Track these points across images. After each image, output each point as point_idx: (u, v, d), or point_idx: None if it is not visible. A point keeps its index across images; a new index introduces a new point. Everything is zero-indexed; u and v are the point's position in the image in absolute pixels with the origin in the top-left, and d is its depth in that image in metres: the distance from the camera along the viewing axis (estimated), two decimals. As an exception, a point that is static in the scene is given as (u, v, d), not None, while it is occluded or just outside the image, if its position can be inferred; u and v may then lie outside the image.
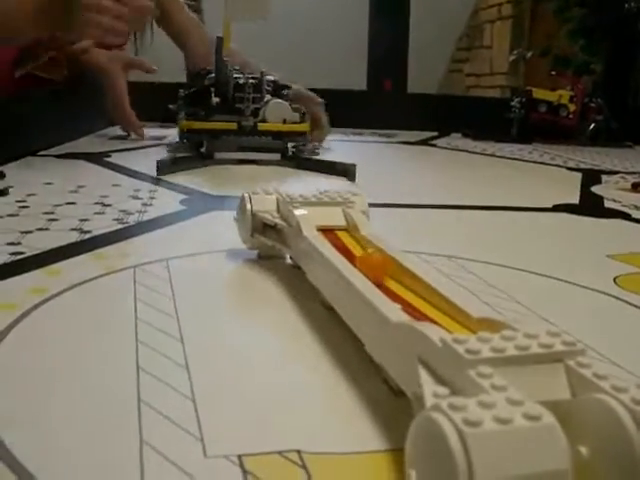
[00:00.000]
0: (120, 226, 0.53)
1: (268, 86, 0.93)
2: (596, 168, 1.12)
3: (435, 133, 1.59)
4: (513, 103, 1.56)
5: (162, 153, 0.95)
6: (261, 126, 0.90)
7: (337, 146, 1.19)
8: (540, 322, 0.37)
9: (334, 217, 0.42)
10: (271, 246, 0.43)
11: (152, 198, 0.65)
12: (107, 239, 0.49)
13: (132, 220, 0.55)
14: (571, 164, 1.16)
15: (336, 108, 1.60)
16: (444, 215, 0.67)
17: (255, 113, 0.91)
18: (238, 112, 0.90)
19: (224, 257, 0.46)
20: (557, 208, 0.73)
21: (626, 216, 0.71)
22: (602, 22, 1.84)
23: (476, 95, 1.64)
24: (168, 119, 1.07)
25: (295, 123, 0.92)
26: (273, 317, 0.37)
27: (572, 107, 1.54)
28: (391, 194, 0.74)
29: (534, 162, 1.15)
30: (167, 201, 0.63)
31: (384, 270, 0.34)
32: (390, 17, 1.67)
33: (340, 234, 0.41)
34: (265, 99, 0.91)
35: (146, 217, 0.57)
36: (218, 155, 0.89)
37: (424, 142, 1.41)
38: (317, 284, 0.37)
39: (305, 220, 0.41)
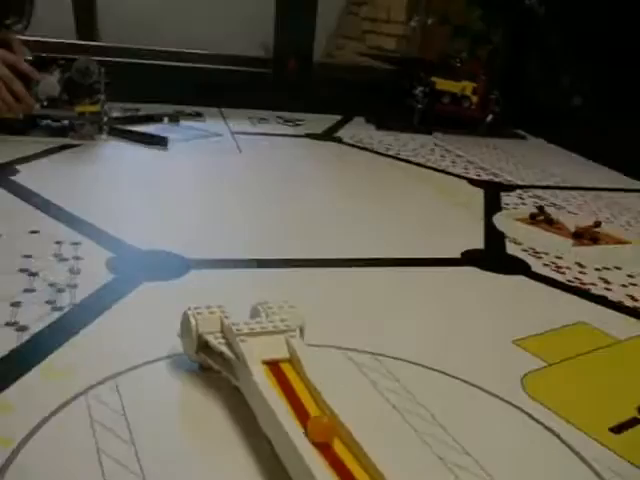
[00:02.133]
0: (56, 314, 0.54)
1: None
2: (496, 180, 1.18)
3: (339, 117, 1.62)
4: (416, 92, 1.60)
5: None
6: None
7: (248, 150, 1.20)
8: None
9: (278, 348, 0.45)
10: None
11: (77, 258, 0.65)
12: (49, 341, 0.50)
13: (65, 302, 0.56)
14: (472, 171, 1.22)
15: (242, 90, 1.61)
16: (345, 276, 0.71)
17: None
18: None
19: (169, 372, 0.48)
20: (465, 256, 0.79)
21: (526, 268, 0.78)
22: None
23: (378, 80, 1.67)
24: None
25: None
26: (230, 459, 0.40)
27: (475, 98, 1.60)
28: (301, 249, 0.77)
29: (438, 170, 1.20)
30: (94, 265, 0.64)
31: (332, 435, 0.38)
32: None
33: (286, 370, 0.44)
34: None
35: (78, 295, 0.57)
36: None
37: (330, 134, 1.43)
38: (267, 432, 0.40)
39: (250, 355, 0.44)
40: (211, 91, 1.56)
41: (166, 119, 1.36)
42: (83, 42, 2.01)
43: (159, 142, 1.16)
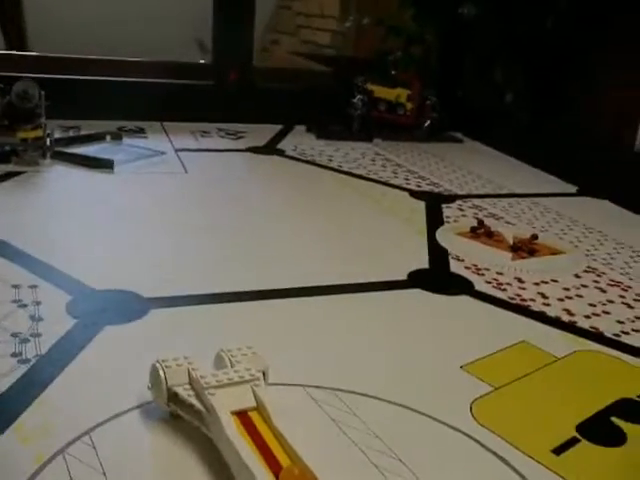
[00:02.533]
0: (23, 368, 0.56)
1: None
2: (436, 191, 1.23)
3: (281, 127, 1.64)
4: (354, 101, 1.64)
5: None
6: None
7: (193, 169, 1.21)
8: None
9: (245, 398, 0.48)
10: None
11: (37, 303, 0.67)
12: (18, 401, 0.51)
13: (31, 354, 0.58)
14: (413, 182, 1.27)
15: (183, 102, 1.62)
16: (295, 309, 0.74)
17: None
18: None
19: (141, 422, 0.50)
20: (411, 277, 0.83)
21: (469, 286, 0.82)
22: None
23: (317, 88, 1.70)
24: None
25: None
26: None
27: (409, 105, 1.64)
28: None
29: (381, 183, 1.24)
30: (54, 311, 0.65)
31: (303, 485, 0.41)
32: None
33: (254, 419, 0.47)
34: None
35: (43, 345, 0.59)
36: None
37: (272, 147, 1.45)
38: (240, 483, 0.43)
39: (220, 408, 0.46)
40: (152, 105, 1.56)
41: (108, 137, 1.36)
42: (14, 52, 1.99)
43: (105, 165, 1.16)
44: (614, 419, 0.58)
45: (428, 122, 1.63)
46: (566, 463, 0.51)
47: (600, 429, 0.56)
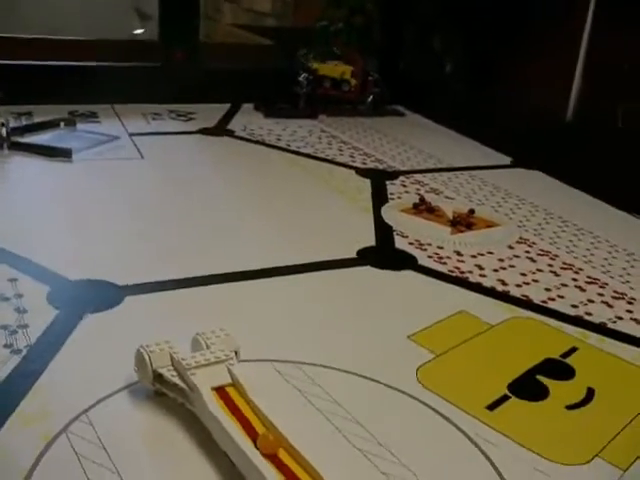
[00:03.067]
0: (16, 358, 0.62)
1: None
2: (380, 167, 1.30)
3: (229, 106, 1.69)
4: (300, 79, 1.70)
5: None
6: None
7: (149, 154, 1.26)
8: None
9: (222, 376, 0.56)
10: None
11: (19, 296, 0.73)
12: (18, 388, 0.58)
13: (22, 344, 0.64)
14: (358, 159, 1.34)
15: (133, 84, 1.65)
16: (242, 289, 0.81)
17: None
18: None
19: (131, 400, 0.57)
20: (360, 255, 0.91)
21: (413, 261, 0.90)
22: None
23: (264, 66, 1.75)
24: None
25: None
26: (201, 473, 0.50)
27: (353, 82, 1.71)
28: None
29: (327, 161, 1.31)
30: (36, 302, 0.71)
31: (278, 447, 0.49)
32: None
33: (231, 393, 0.55)
34: None
35: (32, 336, 0.65)
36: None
37: (222, 127, 1.50)
38: (224, 449, 0.51)
39: (202, 385, 0.54)
40: (103, 87, 1.59)
41: (62, 124, 1.40)
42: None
43: (62, 154, 1.21)
44: (539, 377, 0.67)
45: (371, 97, 1.70)
46: (499, 417, 0.60)
47: (527, 386, 0.65)
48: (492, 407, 0.61)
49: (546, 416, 0.61)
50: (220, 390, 0.54)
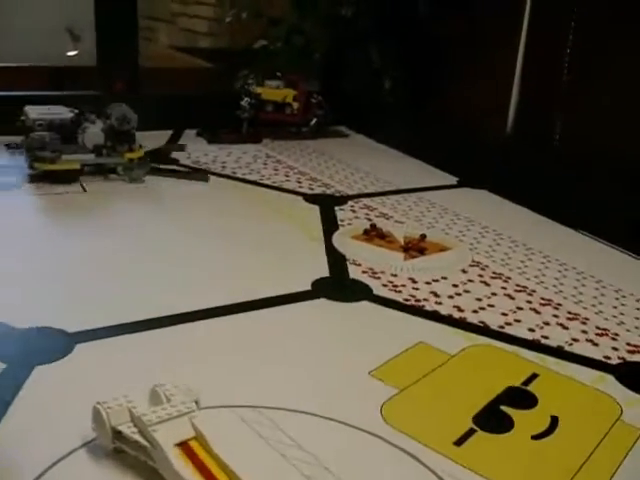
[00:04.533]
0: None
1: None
2: (328, 192, 1.30)
3: (171, 132, 1.67)
4: (242, 103, 1.68)
5: None
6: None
7: (93, 187, 1.23)
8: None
9: (184, 430, 0.54)
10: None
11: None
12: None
13: (-32, 403, 0.61)
14: (305, 184, 1.33)
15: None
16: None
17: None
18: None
19: (88, 461, 0.55)
20: (315, 287, 0.89)
21: (368, 291, 0.89)
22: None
23: (205, 91, 1.74)
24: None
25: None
26: None
27: (296, 105, 1.71)
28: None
29: (274, 188, 1.30)
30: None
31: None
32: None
33: (195, 448, 0.53)
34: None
35: (-23, 392, 0.62)
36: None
37: (166, 155, 1.47)
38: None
39: (165, 442, 0.52)
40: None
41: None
42: None
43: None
44: (503, 407, 0.67)
45: (314, 120, 1.70)
46: (466, 453, 0.60)
47: (492, 418, 0.65)
48: (459, 442, 0.61)
49: (512, 448, 0.61)
50: (184, 445, 0.52)
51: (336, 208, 1.19)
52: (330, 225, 1.11)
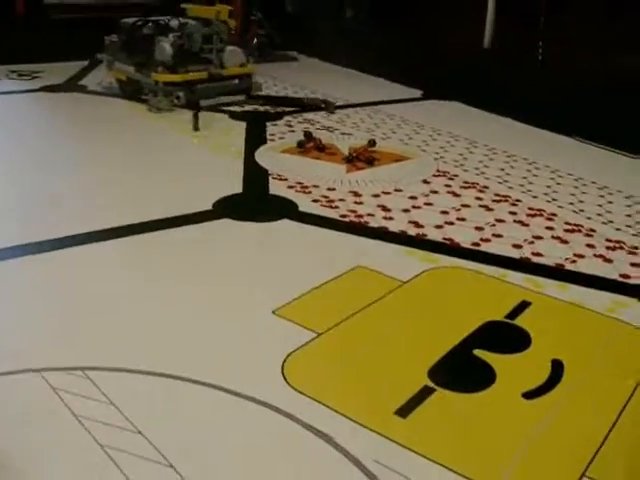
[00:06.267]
0: None
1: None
2: (261, 109, 1.05)
3: (86, 63, 1.42)
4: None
5: None
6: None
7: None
8: None
9: None
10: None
11: None
12: None
13: None
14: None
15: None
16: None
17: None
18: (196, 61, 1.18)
19: None
20: (217, 206, 0.65)
21: (292, 208, 0.65)
22: None
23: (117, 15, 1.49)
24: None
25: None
26: None
27: (233, 22, 1.44)
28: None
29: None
30: None
31: None
32: None
33: None
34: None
35: None
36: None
37: (73, 83, 1.24)
38: None
39: None
40: None
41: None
42: None
43: None
44: (477, 352, 0.42)
45: (255, 41, 1.44)
46: (414, 427, 0.35)
47: (459, 369, 0.40)
48: (404, 411, 0.36)
49: (492, 415, 0.36)
50: None
51: (268, 124, 0.94)
52: (256, 141, 0.86)
